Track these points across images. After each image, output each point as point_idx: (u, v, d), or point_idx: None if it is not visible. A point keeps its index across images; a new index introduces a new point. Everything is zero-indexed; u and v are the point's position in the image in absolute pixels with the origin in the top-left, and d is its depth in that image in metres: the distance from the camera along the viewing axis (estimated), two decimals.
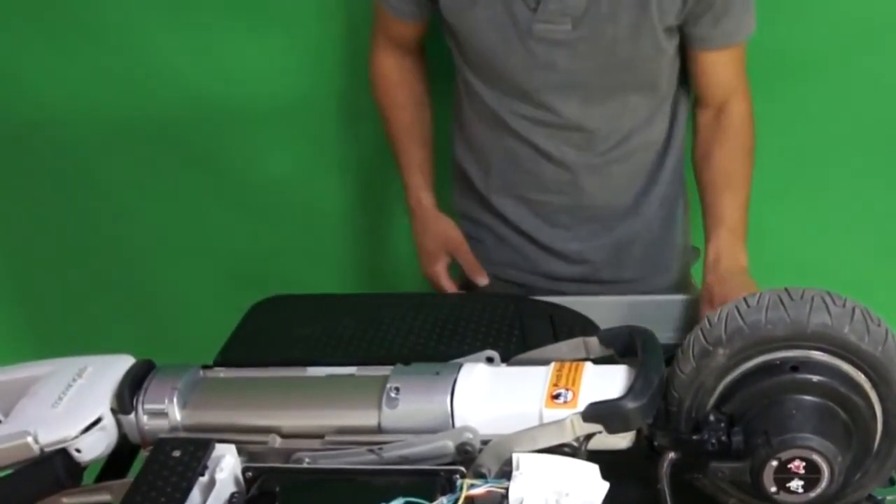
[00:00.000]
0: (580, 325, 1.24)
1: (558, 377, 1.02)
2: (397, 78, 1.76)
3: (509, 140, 1.64)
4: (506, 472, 0.96)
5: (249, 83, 1.93)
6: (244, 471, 1.02)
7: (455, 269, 1.72)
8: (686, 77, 1.64)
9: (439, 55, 1.69)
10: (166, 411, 1.09)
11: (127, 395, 1.09)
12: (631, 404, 0.96)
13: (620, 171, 1.65)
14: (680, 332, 1.43)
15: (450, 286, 1.69)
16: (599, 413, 0.97)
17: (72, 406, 1.09)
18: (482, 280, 1.66)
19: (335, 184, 2.04)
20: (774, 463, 0.95)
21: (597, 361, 1.06)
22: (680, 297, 1.53)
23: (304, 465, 1.04)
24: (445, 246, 1.70)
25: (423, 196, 1.74)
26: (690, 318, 1.46)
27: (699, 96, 1.63)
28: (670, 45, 1.54)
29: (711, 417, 1.00)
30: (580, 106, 1.57)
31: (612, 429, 0.98)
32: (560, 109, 1.57)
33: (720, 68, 1.58)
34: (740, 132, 1.60)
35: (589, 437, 0.98)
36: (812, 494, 0.96)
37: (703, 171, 1.61)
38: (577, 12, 1.48)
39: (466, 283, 1.70)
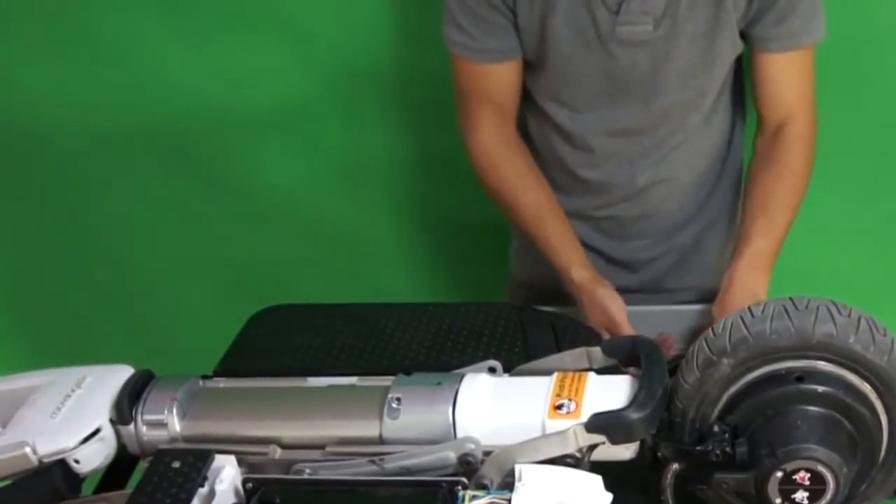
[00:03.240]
0: (583, 335, 1.23)
1: (561, 387, 1.01)
2: (505, 158, 1.63)
3: (575, 159, 1.63)
4: (508, 484, 0.96)
5: (250, 92, 1.93)
6: (244, 482, 1.01)
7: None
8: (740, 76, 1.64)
9: None
10: (166, 422, 1.08)
11: (126, 405, 1.09)
12: (634, 415, 0.96)
13: (683, 176, 1.64)
14: None
15: None
16: (602, 424, 0.96)
17: (70, 416, 1.09)
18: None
19: (336, 193, 2.04)
20: (779, 474, 0.95)
21: (600, 371, 1.05)
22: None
23: (305, 477, 1.03)
24: (604, 326, 1.52)
25: (574, 271, 1.56)
26: None
27: (759, 115, 1.60)
28: (739, 48, 1.53)
29: (716, 428, 0.99)
30: (654, 109, 1.56)
31: (615, 440, 0.97)
32: (632, 115, 1.56)
33: (782, 76, 1.55)
34: (791, 156, 1.55)
35: (592, 447, 0.98)
36: None
37: (745, 194, 1.59)
38: (658, 11, 1.47)
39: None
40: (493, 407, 1.02)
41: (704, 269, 1.70)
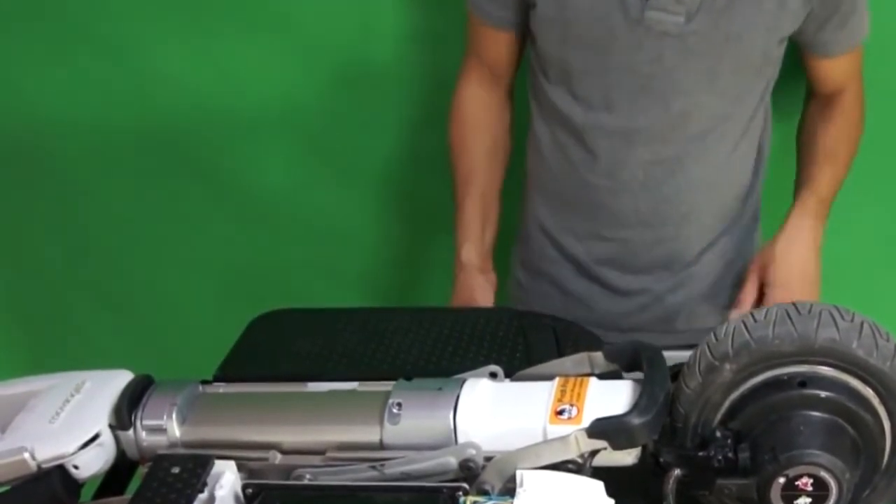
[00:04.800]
0: (585, 340, 1.23)
1: (562, 393, 1.01)
2: (477, 116, 1.66)
3: (589, 167, 1.56)
4: (509, 489, 0.95)
5: (250, 93, 1.93)
6: (244, 487, 1.01)
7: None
8: (769, 111, 1.60)
9: None
10: (165, 427, 1.08)
11: (125, 410, 1.08)
12: (636, 420, 0.95)
13: (701, 201, 1.57)
14: None
15: None
16: (604, 429, 0.96)
17: (70, 422, 1.08)
18: None
19: (337, 195, 2.03)
20: (782, 480, 0.94)
21: (602, 377, 1.05)
22: None
23: (305, 482, 1.03)
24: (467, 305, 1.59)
25: (465, 249, 1.61)
26: None
27: (811, 89, 1.63)
28: (776, 57, 1.50)
29: (718, 433, 0.99)
30: (674, 110, 1.49)
31: (617, 445, 0.96)
32: (650, 115, 1.49)
33: (840, 68, 1.57)
34: (849, 114, 1.59)
35: (594, 453, 0.97)
36: None
37: (805, 148, 1.60)
38: (692, 3, 1.42)
39: None
40: (495, 412, 1.02)
41: (717, 313, 1.63)
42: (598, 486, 0.95)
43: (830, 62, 1.56)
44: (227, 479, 1.01)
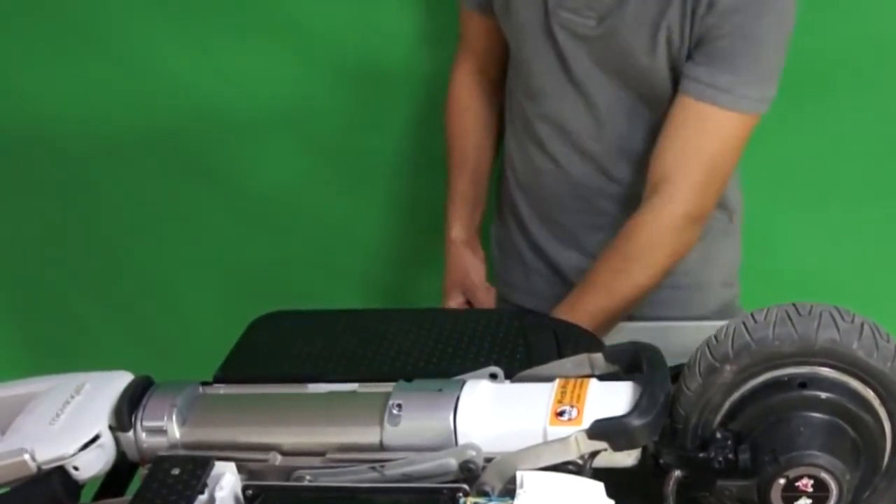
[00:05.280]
0: (585, 341, 1.22)
1: (563, 394, 1.01)
2: (467, 103, 1.72)
3: (536, 153, 1.60)
4: (510, 491, 0.95)
5: (253, 93, 1.93)
6: (244, 489, 1.01)
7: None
8: None
9: None
10: (165, 428, 1.08)
11: (125, 411, 1.08)
12: (637, 421, 0.95)
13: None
14: None
15: None
16: (604, 430, 0.96)
17: (69, 423, 1.08)
18: None
19: (339, 195, 2.04)
20: (782, 481, 0.94)
21: (602, 378, 1.05)
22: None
23: (305, 483, 1.02)
24: (462, 286, 1.67)
25: (455, 228, 1.69)
26: None
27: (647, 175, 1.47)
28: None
29: (718, 435, 0.99)
30: (588, 118, 1.52)
31: (617, 446, 0.96)
32: (571, 117, 1.53)
33: (682, 128, 1.41)
34: (643, 234, 1.43)
35: (594, 454, 0.97)
36: None
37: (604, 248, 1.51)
38: (603, 8, 1.44)
39: None
40: (495, 413, 1.02)
41: (676, 301, 1.60)
42: (599, 487, 0.94)
43: (681, 104, 1.42)
44: (227, 480, 1.01)
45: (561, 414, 0.99)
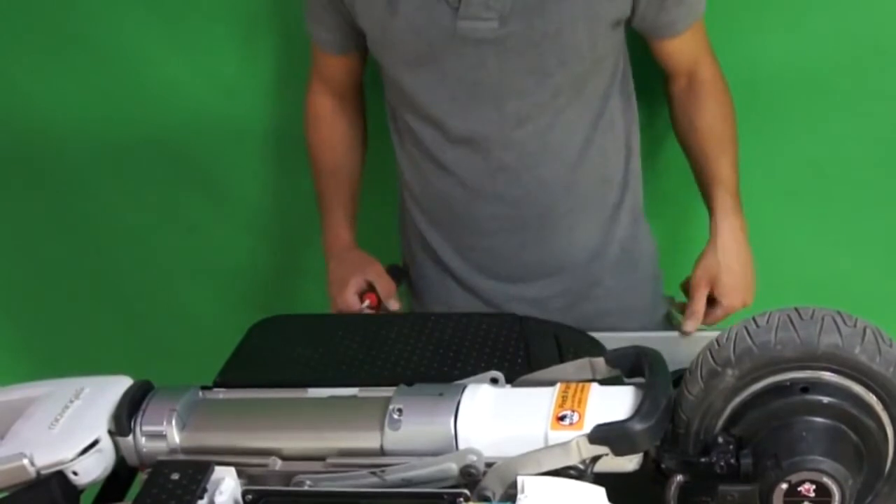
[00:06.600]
0: (586, 346, 1.22)
1: (564, 398, 1.01)
2: (329, 119, 1.72)
3: (442, 178, 1.56)
4: (510, 496, 0.95)
5: (250, 99, 1.93)
6: (244, 494, 1.00)
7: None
8: (632, 104, 1.58)
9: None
10: (165, 433, 1.08)
11: (125, 416, 1.08)
12: (638, 426, 0.95)
13: (569, 208, 1.55)
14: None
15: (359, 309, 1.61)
16: (606, 435, 0.96)
17: (69, 428, 1.08)
18: (394, 305, 1.62)
19: None
20: (784, 486, 0.94)
21: (603, 382, 1.05)
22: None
23: (306, 488, 1.02)
24: (361, 270, 1.64)
25: (342, 233, 1.71)
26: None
27: (666, 71, 1.60)
28: (611, 44, 1.48)
29: (720, 439, 0.99)
30: (508, 112, 1.48)
31: (618, 451, 0.96)
32: (490, 126, 1.49)
33: (689, 45, 1.54)
34: (717, 94, 1.57)
35: (595, 459, 0.97)
36: None
37: (690, 138, 1.58)
38: (504, 5, 1.41)
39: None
40: (496, 418, 1.02)
41: (604, 316, 1.59)
42: (600, 492, 0.94)
43: (678, 41, 1.53)
44: (226, 485, 1.00)
45: (562, 418, 0.98)
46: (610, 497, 0.94)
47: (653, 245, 1.67)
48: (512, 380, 1.10)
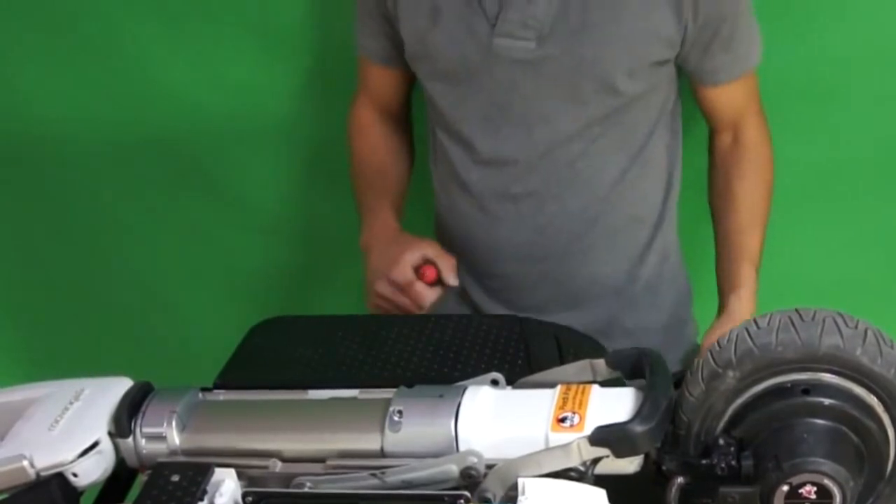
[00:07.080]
0: (586, 347, 1.22)
1: (564, 400, 1.00)
2: (376, 128, 1.66)
3: (464, 200, 1.53)
4: (511, 498, 0.95)
5: (250, 99, 1.93)
6: (244, 496, 1.00)
7: None
8: (678, 142, 1.54)
9: None
10: (165, 435, 1.07)
11: (125, 418, 1.08)
12: (639, 428, 0.95)
13: (593, 243, 1.51)
14: None
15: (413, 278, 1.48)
16: (606, 437, 0.95)
17: (68, 429, 1.08)
18: (454, 280, 1.48)
19: (337, 203, 2.02)
20: (785, 488, 0.94)
21: (604, 384, 1.04)
22: None
23: (306, 490, 1.02)
24: (418, 247, 1.50)
25: (390, 223, 1.59)
26: None
27: (710, 123, 1.54)
28: (656, 81, 1.43)
29: (721, 441, 0.98)
30: (538, 139, 1.44)
31: (619, 453, 0.96)
32: (518, 149, 1.45)
33: (733, 98, 1.49)
34: (760, 163, 1.51)
35: (596, 461, 0.97)
36: None
37: (723, 203, 1.52)
38: (543, 26, 1.37)
39: None
40: (496, 420, 1.01)
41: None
42: (601, 494, 0.94)
43: (721, 91, 1.48)
44: (227, 487, 1.00)
45: (563, 420, 0.98)
46: (611, 499, 0.94)
47: (684, 288, 1.62)
48: (512, 381, 1.10)
